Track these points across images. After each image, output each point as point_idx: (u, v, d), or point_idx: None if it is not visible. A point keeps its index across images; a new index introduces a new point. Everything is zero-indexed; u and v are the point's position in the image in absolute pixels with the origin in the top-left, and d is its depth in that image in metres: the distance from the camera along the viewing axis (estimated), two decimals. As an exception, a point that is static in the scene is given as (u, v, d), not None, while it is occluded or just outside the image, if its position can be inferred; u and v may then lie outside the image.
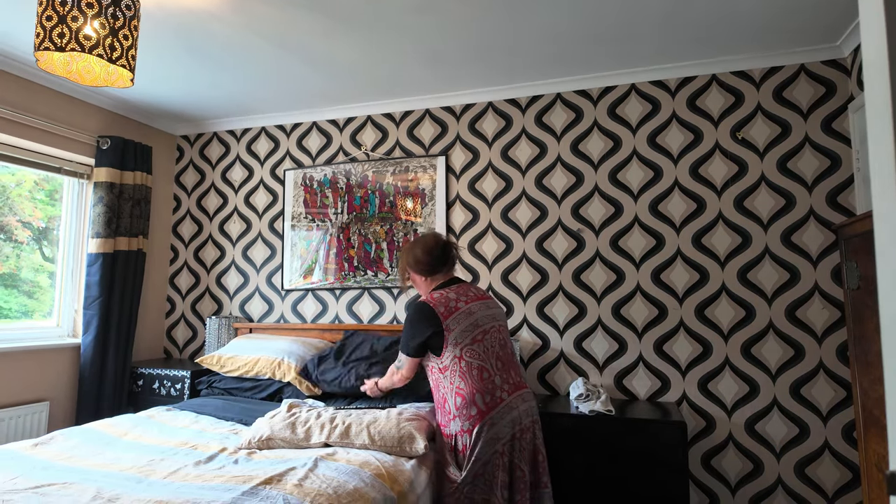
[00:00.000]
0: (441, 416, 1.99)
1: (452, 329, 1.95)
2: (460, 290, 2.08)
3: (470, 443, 1.85)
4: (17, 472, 1.73)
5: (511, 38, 2.52)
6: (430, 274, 2.14)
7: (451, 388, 1.93)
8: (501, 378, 1.93)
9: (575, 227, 2.94)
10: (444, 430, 1.97)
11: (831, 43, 2.57)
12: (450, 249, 2.17)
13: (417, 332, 2.00)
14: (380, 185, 3.31)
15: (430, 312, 1.98)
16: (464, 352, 1.93)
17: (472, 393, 1.88)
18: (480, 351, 1.95)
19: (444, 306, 1.99)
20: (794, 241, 2.62)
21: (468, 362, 1.92)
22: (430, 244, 2.14)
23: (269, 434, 2.06)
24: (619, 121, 2.93)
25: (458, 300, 2.02)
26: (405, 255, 2.21)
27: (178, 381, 3.09)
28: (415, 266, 2.15)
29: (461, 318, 1.98)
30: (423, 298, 2.06)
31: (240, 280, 3.60)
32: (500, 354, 1.99)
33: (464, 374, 1.91)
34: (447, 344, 1.94)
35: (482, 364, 1.93)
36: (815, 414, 2.53)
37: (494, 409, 1.86)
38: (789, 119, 2.67)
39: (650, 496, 2.26)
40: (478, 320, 2.00)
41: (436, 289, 2.11)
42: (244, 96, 3.26)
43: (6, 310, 2.99)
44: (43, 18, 1.69)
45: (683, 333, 2.73)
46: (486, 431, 1.84)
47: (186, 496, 1.51)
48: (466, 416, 1.87)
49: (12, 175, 3.03)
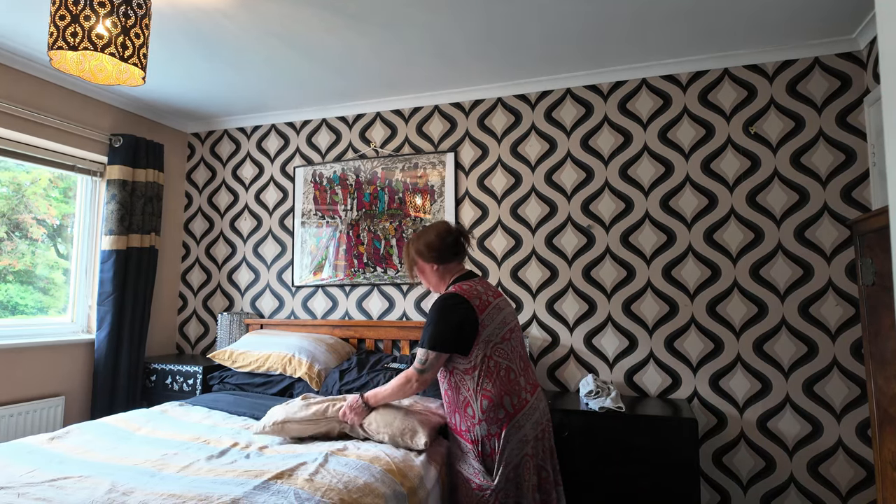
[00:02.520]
0: (461, 422, 1.86)
1: (487, 325, 1.83)
2: (483, 284, 1.97)
3: (499, 447, 1.77)
4: (35, 465, 1.76)
5: (521, 34, 2.51)
6: (440, 262, 2.00)
7: (476, 389, 1.81)
8: (525, 378, 1.88)
9: (585, 224, 2.93)
10: (465, 435, 1.85)
11: (847, 35, 2.53)
12: (459, 235, 2.05)
13: (452, 324, 1.81)
14: (389, 182, 3.32)
15: (465, 304, 1.83)
16: (494, 351, 1.83)
17: (501, 395, 1.79)
18: (508, 350, 1.87)
19: (478, 299, 1.86)
20: (807, 237, 2.59)
21: (497, 362, 1.83)
22: (441, 230, 2.02)
23: (284, 417, 2.08)
24: (629, 116, 2.91)
25: (487, 293, 1.91)
26: (413, 243, 2.07)
27: (190, 376, 3.13)
28: (426, 253, 2.01)
29: (493, 313, 1.87)
30: (453, 289, 1.91)
31: (251, 276, 3.63)
32: (521, 353, 1.94)
33: (491, 374, 1.81)
34: (478, 341, 1.82)
35: (509, 364, 1.85)
36: (829, 411, 2.50)
37: (521, 412, 1.81)
38: (803, 113, 2.63)
39: (660, 493, 2.25)
40: (506, 317, 1.92)
41: (455, 281, 1.98)
42: (254, 94, 3.28)
43: (22, 306, 3.03)
44: (56, 18, 1.71)
45: (695, 330, 2.71)
46: (514, 434, 1.79)
47: (199, 490, 1.53)
48: (494, 420, 1.78)
49: (27, 173, 3.07)
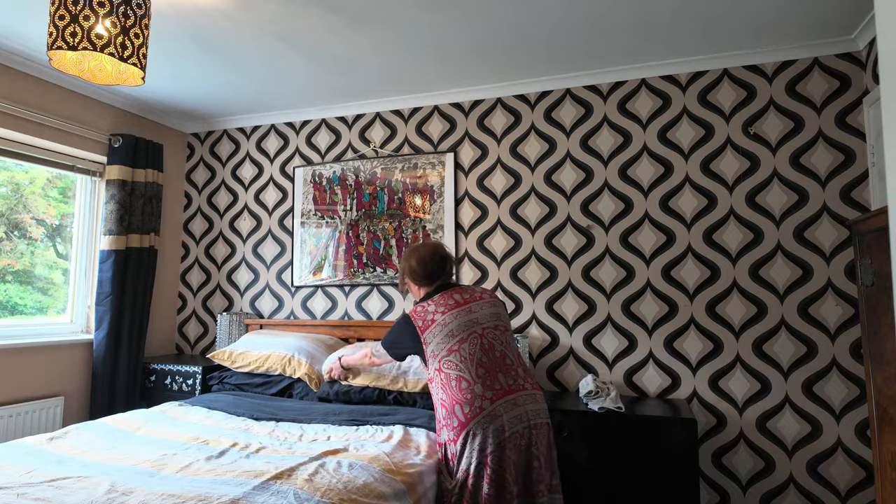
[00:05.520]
0: (436, 424, 2.02)
1: (429, 342, 1.98)
2: (441, 299, 2.06)
3: (456, 452, 1.87)
4: (33, 465, 1.75)
5: (521, 34, 2.51)
6: (422, 285, 2.16)
7: (437, 398, 1.96)
8: (483, 386, 1.87)
9: (584, 224, 2.93)
10: (437, 438, 2.01)
11: (846, 36, 2.53)
12: (445, 263, 2.15)
13: (401, 342, 2.11)
14: (388, 182, 3.31)
15: (410, 326, 2.04)
16: (442, 364, 1.94)
17: (453, 404, 1.88)
18: (457, 361, 1.92)
19: (421, 319, 2.02)
20: (807, 237, 2.59)
21: (447, 374, 1.92)
22: (425, 257, 2.14)
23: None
24: (629, 116, 2.91)
25: (435, 312, 2.02)
26: (403, 261, 2.24)
27: (189, 376, 3.12)
28: (409, 274, 2.18)
29: (436, 331, 1.98)
30: (411, 309, 2.09)
31: (250, 277, 3.63)
32: (482, 361, 1.92)
33: (444, 385, 1.92)
34: (427, 356, 1.99)
35: (460, 374, 1.90)
36: (828, 411, 2.50)
37: (474, 420, 1.83)
38: (802, 114, 2.64)
39: (660, 494, 2.25)
40: (452, 330, 1.97)
41: (422, 298, 2.13)
42: (254, 94, 3.28)
43: (21, 306, 3.03)
44: (55, 17, 1.70)
45: (694, 330, 2.71)
46: (469, 441, 1.84)
47: (198, 490, 1.53)
48: (451, 426, 1.88)
49: (26, 173, 3.06)
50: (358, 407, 2.53)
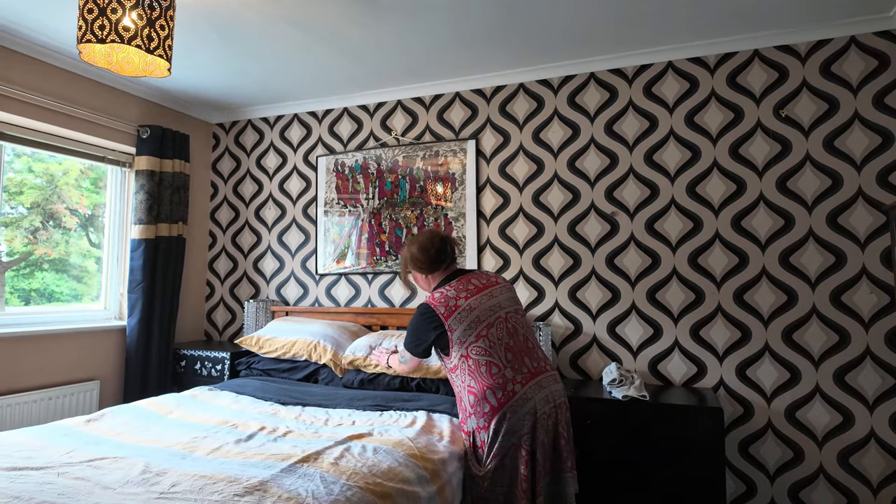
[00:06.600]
0: (460, 413, 2.01)
1: (454, 329, 1.94)
2: (460, 284, 2.04)
3: (487, 439, 1.86)
4: (73, 445, 1.83)
5: (543, 16, 2.47)
6: (428, 271, 2.13)
7: (463, 386, 1.94)
8: (513, 370, 1.90)
9: (609, 211, 2.89)
10: (462, 426, 1.99)
11: (884, 13, 2.42)
12: (446, 245, 2.13)
13: (422, 336, 2.01)
14: (410, 170, 3.32)
15: (431, 314, 1.98)
16: (470, 350, 1.92)
17: (483, 390, 1.87)
18: (486, 346, 1.92)
19: (444, 306, 1.97)
20: (840, 223, 2.51)
21: (475, 360, 1.91)
22: (424, 242, 2.12)
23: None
24: (655, 100, 2.85)
25: (457, 297, 1.99)
26: (403, 256, 2.22)
27: (218, 362, 3.20)
28: (413, 264, 2.15)
29: (462, 316, 1.95)
30: (428, 298, 2.05)
31: (276, 265, 3.68)
32: (509, 345, 1.95)
33: (473, 372, 1.90)
34: (452, 344, 1.95)
35: (490, 360, 1.90)
36: (861, 402, 2.44)
37: (508, 404, 1.84)
38: (837, 95, 2.54)
39: (685, 483, 2.24)
40: (479, 315, 1.96)
41: (437, 286, 2.10)
42: (276, 83, 3.30)
43: (58, 293, 3.14)
44: (84, 11, 1.74)
45: (721, 318, 2.67)
46: (503, 426, 1.83)
47: (228, 472, 1.57)
48: (481, 413, 1.87)
49: (59, 164, 3.15)
50: (382, 393, 2.57)
